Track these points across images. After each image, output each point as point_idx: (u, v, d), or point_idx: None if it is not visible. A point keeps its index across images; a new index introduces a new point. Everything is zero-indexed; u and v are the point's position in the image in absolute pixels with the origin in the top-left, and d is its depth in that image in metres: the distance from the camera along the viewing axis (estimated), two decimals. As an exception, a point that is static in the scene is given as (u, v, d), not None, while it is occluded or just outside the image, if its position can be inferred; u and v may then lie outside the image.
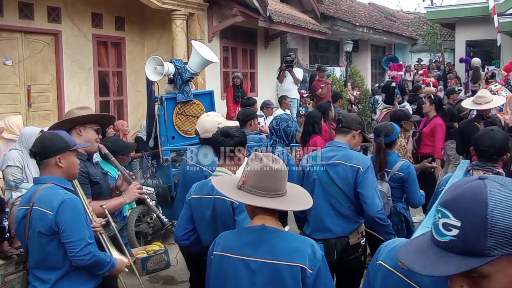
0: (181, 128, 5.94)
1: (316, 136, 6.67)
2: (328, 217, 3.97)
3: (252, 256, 2.40)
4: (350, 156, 3.96)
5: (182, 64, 5.84)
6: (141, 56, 11.18)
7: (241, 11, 11.39)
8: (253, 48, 13.91)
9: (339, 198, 3.94)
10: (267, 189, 2.43)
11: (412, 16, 30.65)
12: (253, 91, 13.70)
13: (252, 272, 2.39)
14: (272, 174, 2.44)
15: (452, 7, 22.11)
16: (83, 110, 3.94)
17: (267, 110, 10.28)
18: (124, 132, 9.11)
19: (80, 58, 9.91)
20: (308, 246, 2.41)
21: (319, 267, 2.38)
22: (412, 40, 24.81)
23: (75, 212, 3.02)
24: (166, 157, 5.69)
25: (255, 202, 2.43)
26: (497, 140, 3.58)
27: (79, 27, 9.86)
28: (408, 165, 4.80)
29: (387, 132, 4.77)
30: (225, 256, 2.47)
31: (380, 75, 22.63)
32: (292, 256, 2.36)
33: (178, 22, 10.38)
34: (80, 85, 9.96)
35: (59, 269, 3.07)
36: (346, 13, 18.56)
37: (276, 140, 4.87)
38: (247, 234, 2.48)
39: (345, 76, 15.91)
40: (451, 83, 16.72)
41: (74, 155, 3.19)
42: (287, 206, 2.50)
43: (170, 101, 5.82)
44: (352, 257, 4.02)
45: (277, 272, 2.35)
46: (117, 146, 4.79)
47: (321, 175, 3.99)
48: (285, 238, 2.43)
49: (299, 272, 2.34)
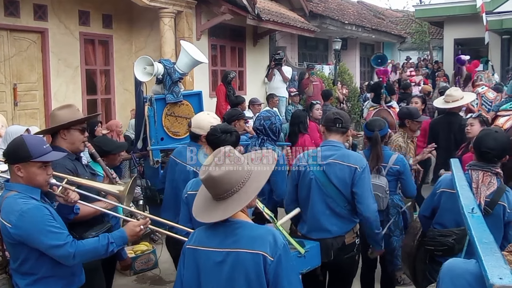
0: (170, 129, 5.88)
1: (305, 136, 6.67)
2: (324, 217, 3.98)
3: (219, 247, 2.47)
4: (347, 156, 3.97)
5: (171, 64, 5.79)
6: (128, 54, 11.11)
7: (230, 9, 11.36)
8: (241, 46, 13.87)
9: (335, 198, 3.95)
10: (214, 195, 2.51)
11: (400, 14, 30.79)
12: (242, 90, 13.66)
13: (219, 263, 2.46)
14: (213, 181, 2.47)
15: (441, 5, 22.18)
16: (65, 109, 3.85)
17: (254, 107, 10.25)
18: (118, 132, 9.05)
19: (67, 56, 9.82)
20: (270, 234, 2.46)
21: (280, 254, 2.41)
22: (401, 38, 24.89)
23: (35, 223, 2.95)
24: (156, 158, 5.64)
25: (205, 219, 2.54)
26: (500, 142, 3.58)
27: (66, 25, 9.77)
28: (402, 158, 4.85)
29: (381, 126, 4.77)
30: (196, 249, 2.55)
31: (369, 73, 22.66)
32: (254, 244, 2.42)
33: (166, 20, 10.31)
34: (67, 84, 9.87)
35: (34, 275, 3.06)
36: (335, 11, 18.56)
37: (264, 139, 4.85)
38: (215, 227, 2.53)
39: (334, 74, 15.91)
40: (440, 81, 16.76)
41: (38, 166, 3.06)
42: (228, 211, 2.48)
43: (160, 102, 5.76)
44: (347, 256, 4.04)
45: (240, 260, 2.41)
46: (108, 145, 4.74)
47: (318, 175, 3.98)
48: (248, 227, 2.50)
49: (260, 259, 2.39)
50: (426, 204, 4.03)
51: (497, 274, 1.70)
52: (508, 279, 1.67)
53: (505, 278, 1.67)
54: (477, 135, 3.89)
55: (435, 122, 7.31)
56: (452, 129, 6.67)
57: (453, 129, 6.61)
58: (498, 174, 3.57)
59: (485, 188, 3.49)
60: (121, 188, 3.62)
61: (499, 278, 1.68)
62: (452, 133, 6.64)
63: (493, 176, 3.53)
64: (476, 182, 3.52)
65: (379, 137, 4.70)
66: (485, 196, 3.47)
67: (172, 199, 4.51)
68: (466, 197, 2.95)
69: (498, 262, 1.79)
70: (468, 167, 3.65)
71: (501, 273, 1.71)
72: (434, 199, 3.87)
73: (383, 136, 4.79)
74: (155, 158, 5.65)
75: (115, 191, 3.61)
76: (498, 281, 1.67)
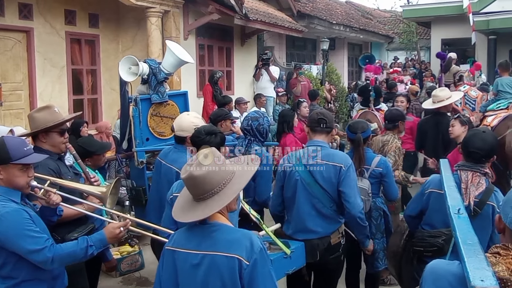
0: (156, 129, 5.86)
1: (288, 135, 6.66)
2: (309, 218, 3.98)
3: (196, 250, 2.45)
4: (332, 155, 3.97)
5: (157, 64, 5.76)
6: (115, 54, 11.03)
7: (217, 9, 11.33)
8: (229, 46, 13.84)
9: (321, 199, 3.95)
10: (194, 195, 2.49)
11: (388, 14, 30.91)
12: (230, 89, 13.64)
13: (196, 265, 2.44)
14: (194, 180, 2.45)
15: (428, 5, 22.31)
16: (43, 111, 3.81)
17: (240, 107, 10.23)
18: (107, 134, 8.99)
19: (52, 56, 9.73)
20: (247, 238, 2.43)
21: (256, 259, 2.37)
22: (389, 39, 24.98)
23: (13, 227, 2.90)
24: (141, 159, 5.60)
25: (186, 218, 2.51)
26: (488, 142, 3.59)
27: (51, 24, 9.67)
28: (385, 160, 4.83)
29: (363, 128, 4.76)
30: (174, 251, 2.54)
31: (357, 73, 22.72)
32: (230, 247, 2.39)
33: (153, 20, 10.26)
34: (53, 83, 9.78)
35: (14, 278, 3.01)
36: (322, 11, 18.59)
37: (251, 140, 4.83)
38: (194, 229, 2.52)
39: (322, 74, 15.93)
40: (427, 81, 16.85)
41: (18, 169, 3.02)
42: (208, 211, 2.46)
43: (145, 102, 5.73)
44: (333, 256, 4.04)
45: (216, 263, 2.39)
46: (92, 146, 4.68)
47: (304, 175, 3.97)
48: (226, 231, 2.47)
49: (235, 263, 2.36)
50: (414, 204, 4.02)
51: (479, 276, 1.69)
52: (490, 281, 1.66)
53: (486, 280, 1.66)
54: (464, 135, 3.90)
55: (423, 122, 7.34)
56: (440, 129, 6.69)
57: (441, 129, 6.62)
58: (486, 175, 3.58)
59: (474, 188, 3.49)
60: (103, 190, 3.58)
61: (481, 280, 1.67)
62: (440, 133, 6.66)
63: (482, 177, 3.54)
64: (465, 182, 3.52)
65: (362, 139, 4.67)
66: (474, 197, 3.47)
67: (157, 200, 4.48)
68: (453, 197, 2.94)
69: (480, 264, 1.78)
70: (456, 167, 3.66)
71: (483, 275, 1.70)
72: (423, 200, 3.85)
73: (365, 138, 4.77)
74: (139, 158, 5.62)
75: (97, 192, 3.57)
76: (479, 283, 1.65)
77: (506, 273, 1.70)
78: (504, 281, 1.69)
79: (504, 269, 1.71)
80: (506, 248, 1.77)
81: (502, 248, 1.79)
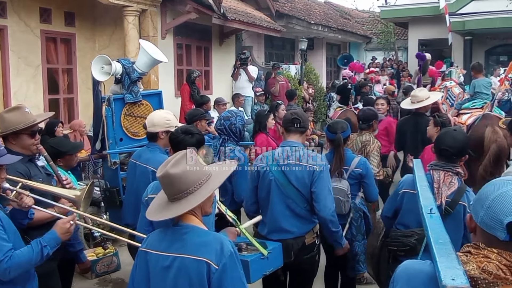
0: (129, 129, 5.79)
1: (260, 134, 6.66)
2: (284, 218, 3.96)
3: (166, 252, 2.44)
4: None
5: (130, 64, 5.69)
6: (92, 53, 10.87)
7: (195, 8, 11.30)
8: (207, 46, 13.82)
9: (295, 199, 3.92)
10: (169, 195, 2.48)
11: (366, 15, 31.14)
12: (208, 89, 13.61)
13: (166, 267, 2.42)
14: (170, 179, 2.44)
15: (405, 6, 22.53)
16: (13, 112, 3.72)
17: (219, 107, 10.18)
18: (81, 132, 8.87)
19: (27, 55, 9.60)
20: (217, 242, 2.40)
21: (225, 263, 2.35)
22: (367, 39, 25.17)
23: None
24: (114, 160, 5.53)
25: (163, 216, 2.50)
26: (459, 140, 3.62)
27: (26, 23, 9.53)
28: (364, 161, 4.81)
29: (343, 128, 4.74)
30: (147, 252, 2.52)
31: (335, 73, 22.84)
32: (199, 251, 2.37)
33: (130, 19, 10.18)
34: (28, 83, 9.65)
35: None
36: (301, 11, 18.64)
37: (225, 139, 4.81)
38: (166, 231, 2.52)
39: (300, 74, 15.96)
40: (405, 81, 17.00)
41: None
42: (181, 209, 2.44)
43: (118, 102, 5.65)
44: (307, 256, 4.02)
45: (185, 266, 2.37)
46: (63, 146, 4.60)
47: (277, 176, 3.95)
48: (197, 233, 2.45)
49: (204, 266, 2.34)
50: (389, 205, 4.03)
51: (450, 275, 1.69)
52: (461, 280, 1.66)
53: (457, 279, 1.66)
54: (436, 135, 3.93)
55: (402, 123, 7.38)
56: (418, 130, 6.74)
57: (420, 130, 6.67)
58: (459, 174, 3.60)
59: (446, 188, 3.52)
60: (77, 193, 3.53)
61: (452, 279, 1.66)
62: (419, 133, 6.70)
63: (454, 176, 3.57)
64: (437, 182, 3.55)
65: (342, 139, 4.65)
66: (446, 196, 3.50)
67: (133, 201, 4.43)
68: (425, 197, 2.95)
69: (452, 263, 1.78)
70: (429, 167, 3.68)
71: (454, 274, 1.69)
72: (397, 200, 3.87)
73: (345, 138, 4.76)
74: (113, 159, 5.55)
75: (71, 196, 3.51)
76: (450, 282, 1.65)
77: (477, 271, 1.70)
78: (475, 280, 1.69)
79: (475, 267, 1.71)
80: (477, 247, 1.77)
81: (473, 247, 1.79)
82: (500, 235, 1.68)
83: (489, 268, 1.69)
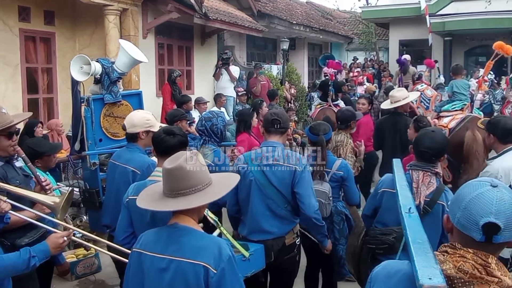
0: (109, 130, 5.75)
1: (242, 134, 6.64)
2: (264, 219, 3.95)
3: (162, 253, 2.40)
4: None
5: (110, 64, 5.65)
6: (72, 52, 10.76)
7: (176, 8, 11.26)
8: (189, 45, 13.77)
9: (275, 200, 3.92)
10: (173, 190, 2.43)
11: (348, 15, 31.29)
12: (190, 89, 13.56)
13: (162, 270, 2.39)
14: (182, 171, 2.41)
15: (386, 7, 22.71)
16: None
17: (199, 107, 10.15)
18: (58, 132, 8.76)
19: (5, 54, 9.47)
20: (216, 246, 2.39)
21: (224, 268, 2.33)
22: (348, 39, 25.29)
23: None
24: (93, 161, 5.48)
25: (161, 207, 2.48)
26: (437, 141, 3.64)
27: (4, 21, 9.41)
28: (346, 163, 4.81)
29: (325, 130, 4.74)
30: (141, 253, 2.49)
31: (317, 73, 22.89)
32: (197, 254, 2.35)
33: (111, 18, 10.10)
34: (6, 82, 9.53)
35: None
36: (283, 11, 18.66)
37: (206, 140, 4.78)
38: (161, 232, 2.48)
39: (282, 74, 15.99)
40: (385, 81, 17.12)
41: None
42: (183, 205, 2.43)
43: (98, 102, 5.61)
44: (287, 257, 4.02)
45: (182, 269, 2.34)
46: (41, 147, 4.55)
47: (258, 176, 3.94)
48: (194, 236, 2.42)
49: (201, 271, 2.32)
50: (369, 204, 4.06)
51: (427, 274, 1.71)
52: (437, 279, 1.67)
53: (434, 278, 1.68)
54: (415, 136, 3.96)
55: (381, 122, 7.43)
56: (397, 129, 6.80)
57: (399, 129, 6.73)
58: (437, 174, 3.64)
59: (425, 187, 3.55)
60: (56, 200, 3.47)
61: (429, 278, 1.68)
62: (398, 133, 6.75)
63: (433, 176, 3.60)
64: (416, 182, 3.58)
65: (324, 141, 4.65)
66: (424, 196, 3.53)
67: (113, 203, 4.38)
68: (404, 196, 2.98)
69: (429, 262, 1.80)
70: (408, 167, 3.71)
71: (431, 273, 1.71)
72: (376, 199, 3.90)
73: (327, 140, 4.77)
74: (92, 160, 5.50)
75: (50, 202, 3.46)
76: (427, 281, 1.67)
77: (453, 271, 1.73)
78: (451, 279, 1.71)
79: (452, 267, 1.74)
80: (453, 247, 1.79)
81: (450, 247, 1.81)
82: (476, 236, 1.71)
83: (465, 267, 1.72)
